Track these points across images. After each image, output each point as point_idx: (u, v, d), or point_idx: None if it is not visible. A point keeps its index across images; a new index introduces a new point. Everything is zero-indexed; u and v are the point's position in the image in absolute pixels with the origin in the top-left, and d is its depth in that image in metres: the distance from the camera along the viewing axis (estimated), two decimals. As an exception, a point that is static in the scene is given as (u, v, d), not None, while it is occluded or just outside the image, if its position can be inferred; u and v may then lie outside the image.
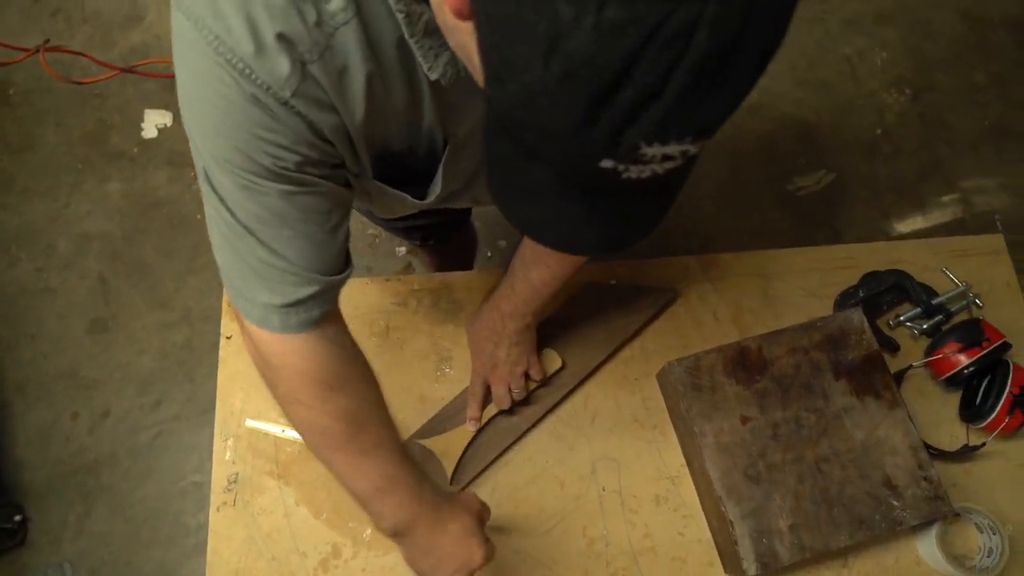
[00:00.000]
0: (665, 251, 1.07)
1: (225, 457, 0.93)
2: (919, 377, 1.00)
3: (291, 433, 0.94)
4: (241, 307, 0.62)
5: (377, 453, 0.68)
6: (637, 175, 0.37)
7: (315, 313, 0.62)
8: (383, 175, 0.66)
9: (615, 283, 1.02)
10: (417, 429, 0.95)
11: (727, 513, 0.85)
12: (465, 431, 0.93)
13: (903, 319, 1.02)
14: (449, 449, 0.92)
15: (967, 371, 0.94)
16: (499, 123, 0.43)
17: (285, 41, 0.48)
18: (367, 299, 1.01)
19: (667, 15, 0.30)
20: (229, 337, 0.98)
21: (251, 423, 0.95)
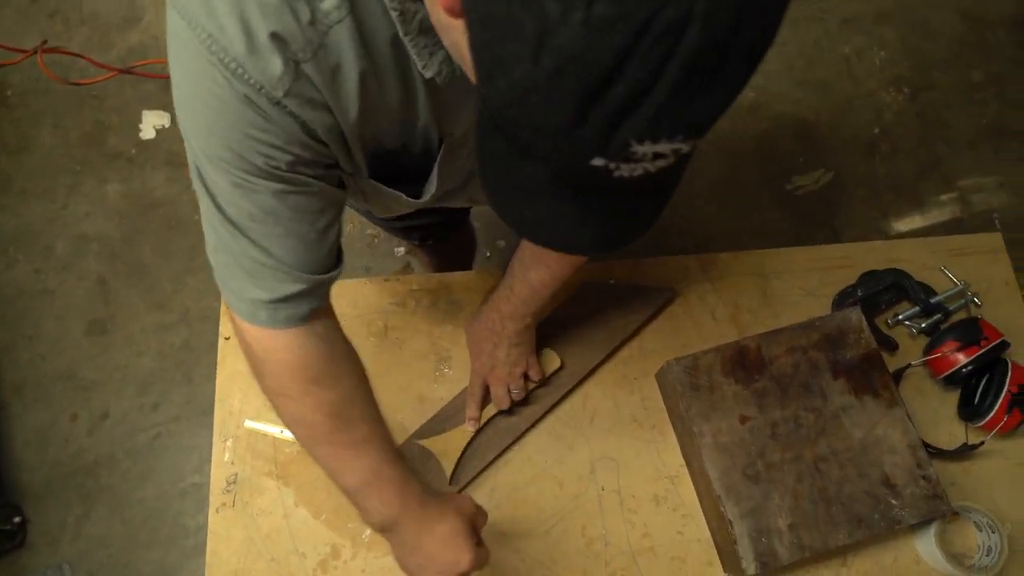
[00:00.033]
0: (664, 250, 1.07)
1: (224, 458, 0.93)
2: (917, 376, 1.00)
3: (290, 434, 0.94)
4: (230, 301, 0.63)
5: (362, 449, 0.68)
6: (629, 173, 0.37)
7: (303, 310, 0.63)
8: (378, 174, 0.66)
9: (614, 283, 1.02)
10: (416, 429, 0.95)
11: (726, 512, 0.85)
12: (464, 431, 0.93)
13: (901, 318, 1.02)
14: (448, 449, 0.92)
15: (965, 370, 0.94)
16: (492, 121, 0.43)
17: (278, 40, 0.48)
18: (366, 299, 1.01)
19: (657, 11, 0.29)
20: (228, 338, 0.98)
21: (250, 424, 0.95)
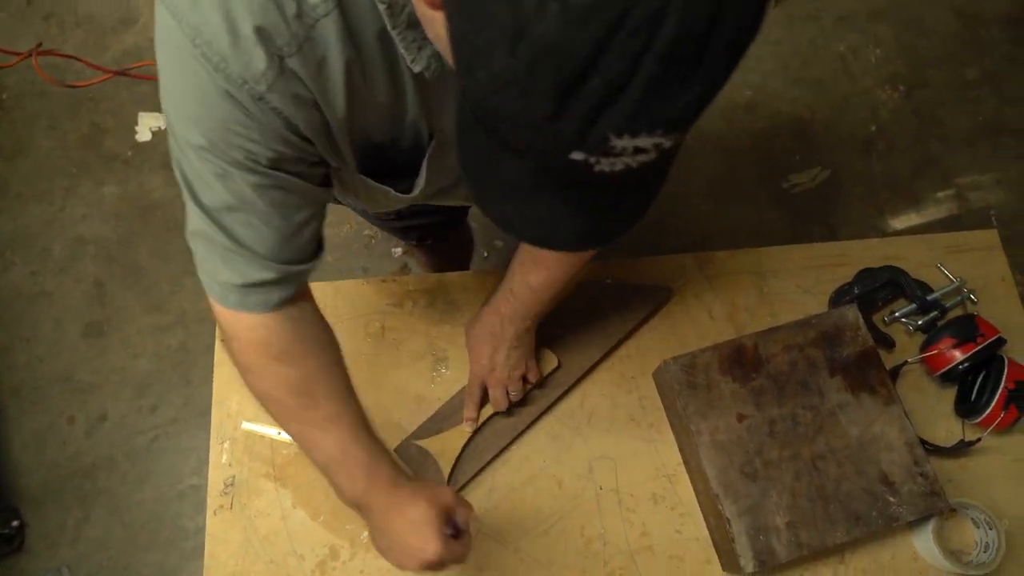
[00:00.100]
0: (660, 249, 1.07)
1: (221, 460, 0.93)
2: (914, 373, 1.00)
3: (287, 436, 0.94)
4: (204, 281, 0.64)
5: (329, 427, 0.69)
6: (610, 168, 0.37)
7: (273, 297, 0.63)
8: (368, 169, 0.66)
9: (610, 282, 1.02)
10: (414, 430, 0.95)
11: (724, 511, 0.85)
12: (462, 431, 0.93)
13: (898, 315, 1.02)
14: (446, 449, 0.92)
15: (962, 367, 0.95)
16: (472, 114, 0.42)
17: (263, 34, 0.48)
18: (363, 300, 1.01)
19: (634, 2, 0.29)
20: (223, 339, 0.98)
21: (247, 425, 0.95)
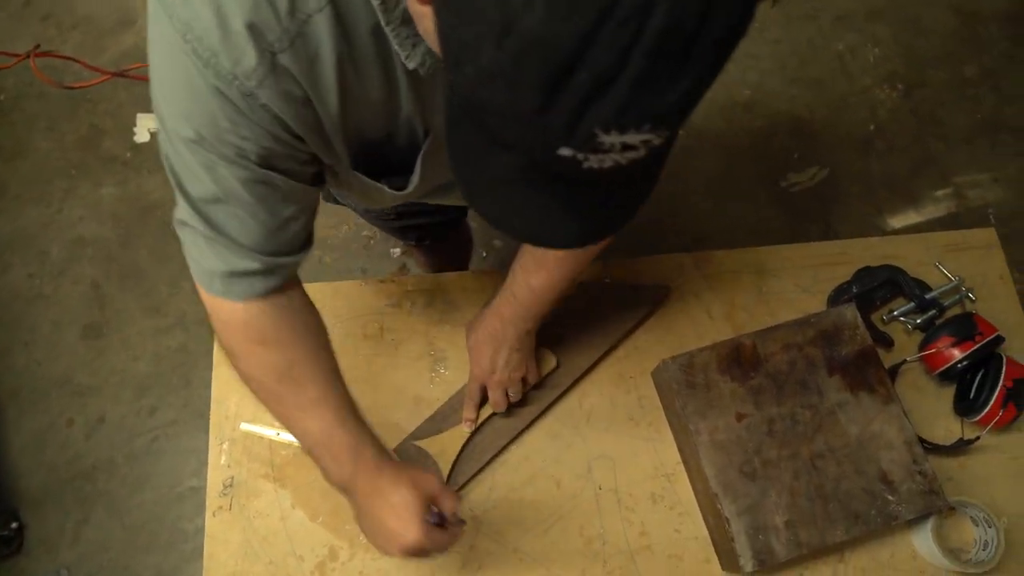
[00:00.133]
0: (658, 248, 1.07)
1: (220, 461, 0.93)
2: (913, 372, 1.00)
3: (286, 436, 0.94)
4: (191, 267, 0.64)
5: (313, 411, 0.69)
6: (599, 165, 0.36)
7: (257, 287, 0.64)
8: (363, 165, 0.66)
9: (609, 281, 1.02)
10: (413, 430, 0.95)
11: (723, 510, 0.85)
12: (461, 432, 0.93)
13: (896, 314, 1.02)
14: (445, 450, 0.92)
15: (961, 365, 0.95)
16: (460, 109, 0.42)
17: (254, 30, 0.48)
18: (361, 301, 1.01)
19: None
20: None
21: (246, 427, 0.95)
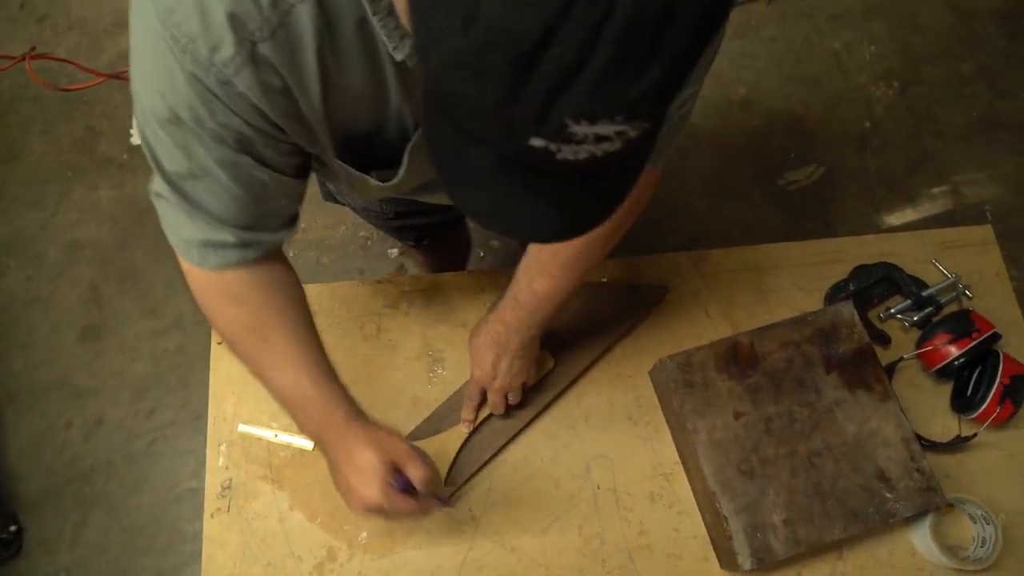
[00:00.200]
0: (655, 248, 1.07)
1: (218, 463, 0.93)
2: (910, 369, 1.00)
3: (284, 437, 0.94)
4: (167, 235, 0.66)
5: (283, 367, 0.71)
6: (573, 156, 0.35)
7: (233, 257, 0.65)
8: (351, 157, 0.66)
9: (606, 281, 1.02)
10: (411, 431, 0.95)
11: (721, 508, 0.85)
12: (459, 432, 0.93)
13: (893, 311, 1.02)
14: (443, 450, 0.92)
15: (958, 362, 0.95)
16: (432, 99, 0.41)
17: (234, 20, 0.48)
18: (359, 302, 1.01)
19: None
20: (220, 342, 0.98)
21: (244, 428, 0.94)
